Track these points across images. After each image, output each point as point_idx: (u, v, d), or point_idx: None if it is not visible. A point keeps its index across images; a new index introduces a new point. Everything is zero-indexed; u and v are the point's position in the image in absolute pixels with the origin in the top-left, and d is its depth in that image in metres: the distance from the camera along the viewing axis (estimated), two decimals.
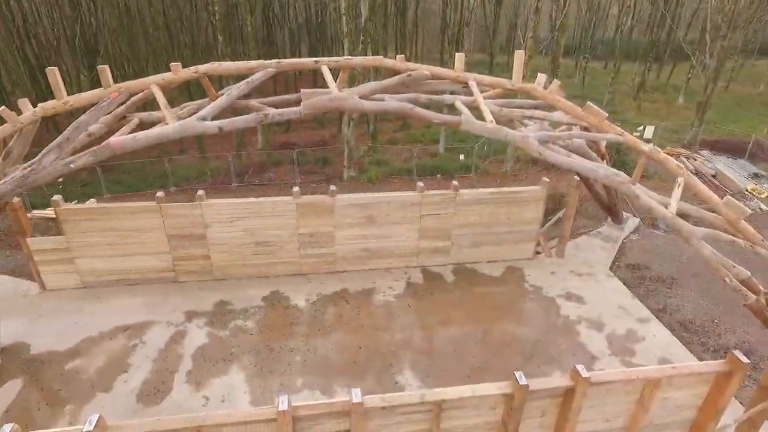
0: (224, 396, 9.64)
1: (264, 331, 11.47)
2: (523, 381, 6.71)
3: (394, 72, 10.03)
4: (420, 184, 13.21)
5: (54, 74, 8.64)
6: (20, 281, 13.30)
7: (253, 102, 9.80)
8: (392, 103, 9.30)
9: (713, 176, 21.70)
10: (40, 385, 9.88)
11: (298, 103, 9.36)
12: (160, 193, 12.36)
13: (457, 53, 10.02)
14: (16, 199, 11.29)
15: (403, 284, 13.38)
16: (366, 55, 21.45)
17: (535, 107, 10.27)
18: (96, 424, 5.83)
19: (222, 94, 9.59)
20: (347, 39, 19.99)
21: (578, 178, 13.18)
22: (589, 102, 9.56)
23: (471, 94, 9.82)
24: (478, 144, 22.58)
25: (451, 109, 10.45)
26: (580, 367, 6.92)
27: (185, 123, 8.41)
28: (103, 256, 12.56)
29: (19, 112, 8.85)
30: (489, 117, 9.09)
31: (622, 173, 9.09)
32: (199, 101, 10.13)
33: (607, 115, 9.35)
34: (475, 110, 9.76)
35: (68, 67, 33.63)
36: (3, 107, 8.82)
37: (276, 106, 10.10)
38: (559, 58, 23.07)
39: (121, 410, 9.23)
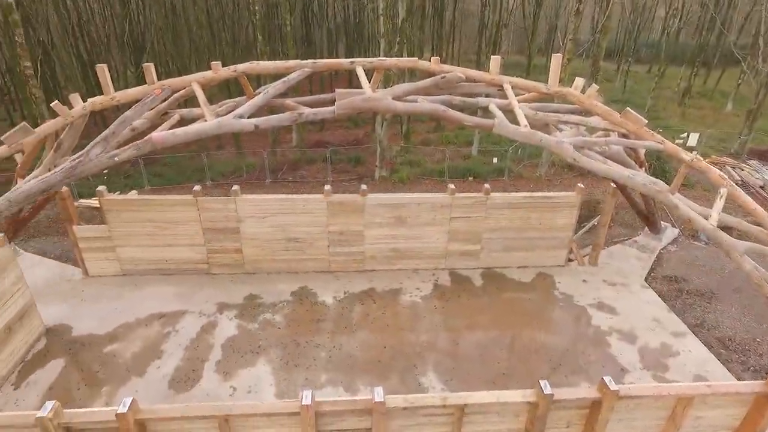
0: (251, 387, 9.88)
1: (291, 326, 11.68)
2: (548, 390, 6.62)
3: (429, 74, 10.05)
4: (451, 186, 13.16)
5: (103, 71, 9.07)
6: (66, 266, 14.01)
7: (289, 101, 10.01)
8: (425, 104, 9.31)
9: (761, 187, 20.68)
10: (80, 366, 10.39)
11: (332, 102, 9.51)
12: (197, 187, 12.78)
13: (492, 56, 9.94)
14: (64, 189, 11.90)
15: (430, 286, 13.36)
16: (402, 55, 21.52)
17: (572, 112, 10.09)
18: (129, 406, 6.10)
19: (259, 93, 9.84)
20: (384, 39, 20.10)
21: (615, 185, 12.85)
22: (628, 108, 9.32)
23: (506, 97, 9.74)
24: (512, 147, 22.28)
25: (486, 111, 10.38)
26: (608, 379, 6.77)
27: (222, 120, 8.68)
28: (142, 246, 13.08)
29: (70, 106, 9.34)
30: (523, 121, 8.99)
31: (660, 182, 8.82)
32: (237, 99, 10.42)
33: (646, 122, 9.09)
34: (510, 113, 9.67)
35: (117, 63, 35.15)
36: (56, 102, 9.32)
37: (311, 105, 10.29)
38: (600, 61, 22.47)
39: (154, 394, 9.60)
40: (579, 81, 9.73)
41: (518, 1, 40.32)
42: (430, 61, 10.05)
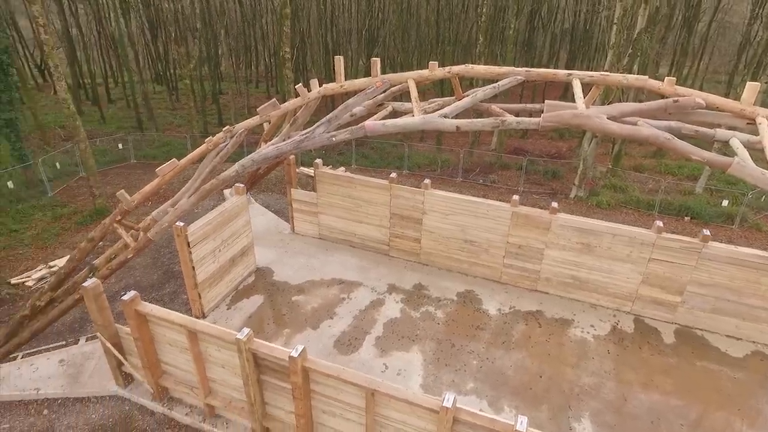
0: (401, 370, 10.42)
1: (450, 325, 11.86)
2: None
3: (660, 95, 8.86)
4: (659, 223, 11.50)
5: (339, 62, 10.41)
6: (280, 220, 16.74)
7: (495, 107, 9.99)
8: (645, 129, 8.27)
9: None
10: (273, 306, 12.38)
11: (540, 113, 9.16)
12: (393, 174, 13.79)
13: (749, 82, 8.25)
14: (291, 157, 14.15)
15: (608, 327, 12.02)
16: (632, 69, 19.42)
17: None
18: (300, 353, 7.07)
19: (468, 95, 10.05)
20: (612, 50, 18.37)
21: None
22: None
23: (758, 132, 8.00)
24: (754, 192, 18.28)
25: (724, 146, 8.72)
26: None
27: (427, 118, 9.15)
28: (338, 217, 14.79)
29: (309, 89, 11.00)
30: None
31: None
32: (446, 98, 10.84)
33: None
34: (759, 152, 7.94)
35: (353, 53, 39.78)
36: (299, 85, 11.06)
37: (517, 113, 10.09)
38: None
39: (321, 348, 10.89)
40: None
41: None
42: (663, 80, 8.85)
